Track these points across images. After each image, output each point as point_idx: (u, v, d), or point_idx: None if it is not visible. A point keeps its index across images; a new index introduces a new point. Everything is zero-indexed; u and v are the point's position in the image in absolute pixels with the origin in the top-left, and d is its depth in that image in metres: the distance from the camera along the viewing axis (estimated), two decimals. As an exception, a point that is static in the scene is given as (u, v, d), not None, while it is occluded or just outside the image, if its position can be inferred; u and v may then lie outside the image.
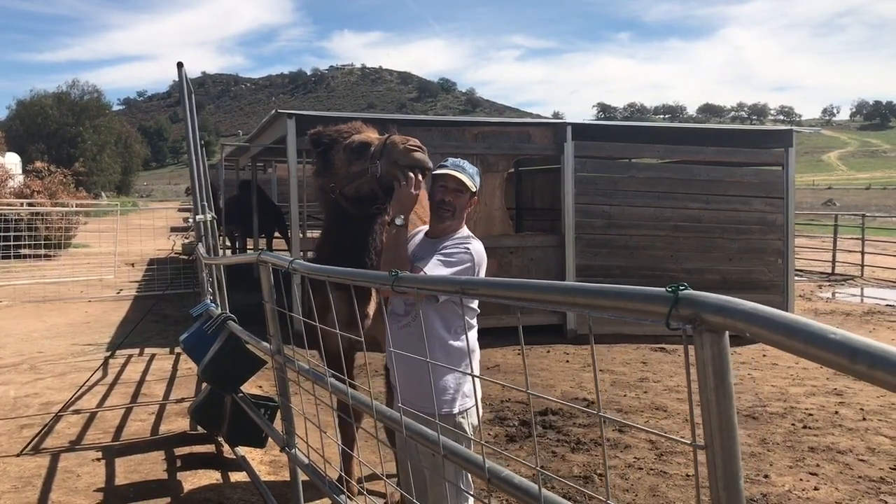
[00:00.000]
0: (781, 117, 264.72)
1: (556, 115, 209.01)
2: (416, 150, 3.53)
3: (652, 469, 5.50)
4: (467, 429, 3.11)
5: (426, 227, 3.45)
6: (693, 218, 11.44)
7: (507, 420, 6.77)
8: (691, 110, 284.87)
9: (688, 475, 5.40)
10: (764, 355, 9.91)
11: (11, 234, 16.03)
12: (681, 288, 1.21)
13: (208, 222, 5.82)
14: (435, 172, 3.28)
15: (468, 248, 3.09)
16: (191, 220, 5.84)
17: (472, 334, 3.14)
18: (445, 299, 2.93)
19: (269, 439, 4.76)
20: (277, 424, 4.24)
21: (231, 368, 4.74)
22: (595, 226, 11.26)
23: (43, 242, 17.97)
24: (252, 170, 17.95)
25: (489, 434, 6.37)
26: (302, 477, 3.50)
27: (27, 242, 17.72)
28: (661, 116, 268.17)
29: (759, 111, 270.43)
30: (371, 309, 4.13)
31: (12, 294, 14.16)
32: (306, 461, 3.28)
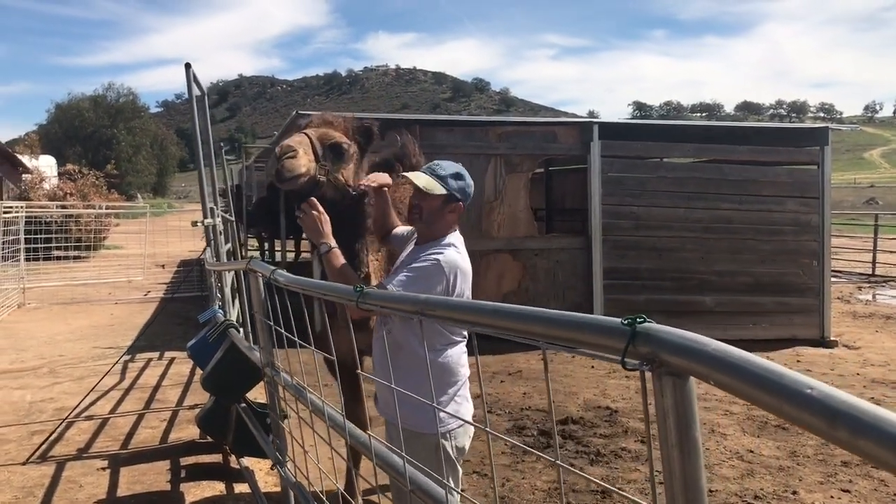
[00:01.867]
0: (822, 114, 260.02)
1: (590, 114, 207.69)
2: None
3: (673, 483, 5.25)
4: (450, 451, 2.92)
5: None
6: (724, 219, 11.11)
7: (526, 429, 6.56)
8: (729, 108, 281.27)
9: (710, 490, 5.14)
10: (798, 361, 9.61)
11: (42, 235, 16.11)
12: (638, 320, 1.01)
13: (216, 226, 5.70)
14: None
15: (437, 260, 2.88)
16: (199, 223, 5.71)
17: (458, 349, 2.95)
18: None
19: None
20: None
21: (232, 378, 4.59)
22: (623, 227, 10.98)
23: (73, 244, 18.11)
24: (279, 171, 17.85)
25: (505, 444, 6.17)
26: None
27: (60, 244, 17.87)
28: (698, 114, 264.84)
29: (798, 108, 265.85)
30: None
31: (41, 296, 14.26)
32: (294, 479, 3.10)
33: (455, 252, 3.00)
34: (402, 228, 3.46)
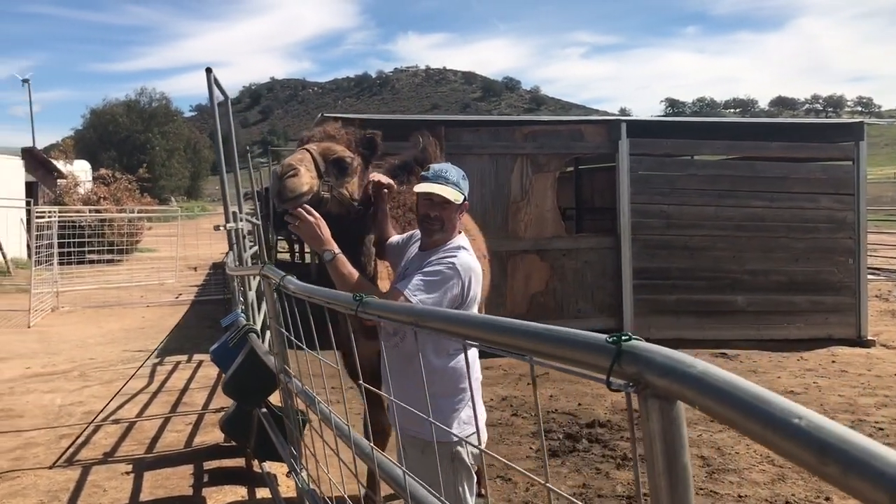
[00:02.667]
0: (860, 108, 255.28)
1: (622, 112, 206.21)
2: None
3: (701, 489, 5.15)
4: (465, 458, 2.86)
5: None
6: (756, 217, 10.91)
7: (552, 433, 6.47)
8: (763, 104, 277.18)
9: (740, 496, 5.02)
10: (833, 361, 9.39)
11: (76, 240, 16.32)
12: (624, 338, 0.94)
13: (239, 230, 5.70)
14: (417, 188, 3.03)
15: (452, 263, 2.82)
16: (221, 227, 5.71)
17: (472, 354, 2.89)
18: None
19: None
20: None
21: (252, 383, 4.58)
22: (652, 226, 10.83)
23: (106, 248, 18.33)
24: (308, 173, 17.93)
25: (530, 448, 6.10)
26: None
27: (94, 248, 18.10)
28: (732, 110, 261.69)
29: (834, 103, 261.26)
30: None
31: (74, 299, 14.44)
32: (308, 486, 3.06)
33: (467, 254, 2.95)
34: (395, 238, 3.40)
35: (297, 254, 19.80)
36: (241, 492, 4.98)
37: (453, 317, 1.42)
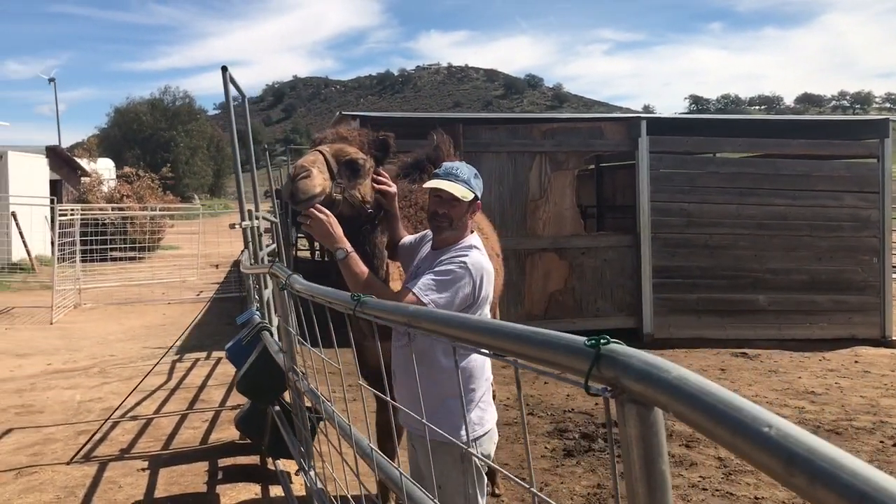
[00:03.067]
0: (888, 105, 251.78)
1: (645, 109, 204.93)
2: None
3: (717, 490, 5.09)
4: (476, 459, 2.84)
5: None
6: (779, 215, 10.79)
7: (568, 432, 6.43)
8: (789, 100, 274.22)
9: (756, 498, 4.96)
10: (856, 361, 9.27)
11: (99, 237, 16.48)
12: (602, 341, 0.91)
13: (254, 229, 5.70)
14: (426, 185, 3.01)
15: (464, 262, 2.79)
16: (236, 225, 5.72)
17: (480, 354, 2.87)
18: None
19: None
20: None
21: (265, 381, 4.59)
22: (672, 224, 10.75)
23: (128, 246, 18.50)
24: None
25: (545, 447, 6.06)
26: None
27: (118, 245, 18.27)
28: (756, 107, 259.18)
29: (862, 99, 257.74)
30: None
31: (97, 296, 14.58)
32: (317, 485, 3.06)
33: (479, 254, 2.93)
34: (408, 238, 3.38)
35: (317, 252, 19.85)
36: (254, 489, 5.00)
37: (442, 318, 1.41)
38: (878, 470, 0.59)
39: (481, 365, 2.87)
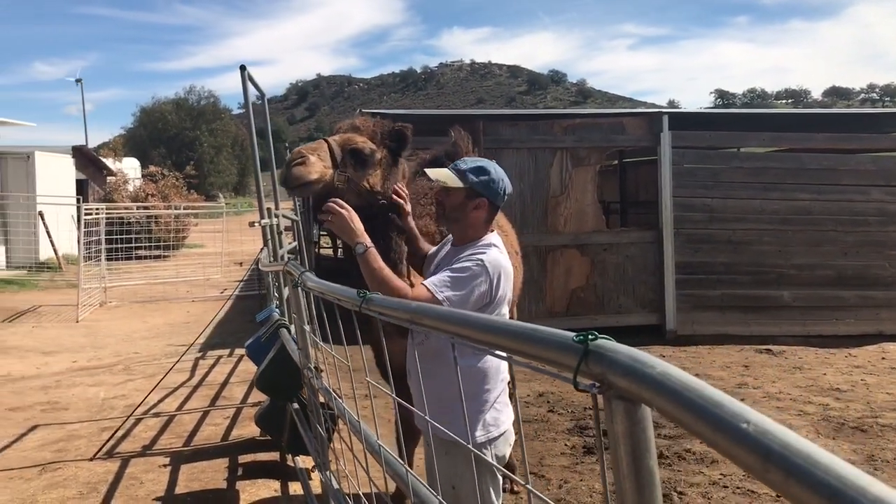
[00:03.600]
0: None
1: (671, 104, 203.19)
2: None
3: (738, 488, 5.04)
4: (490, 460, 2.81)
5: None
6: (803, 210, 10.67)
7: (588, 430, 6.40)
8: (816, 94, 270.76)
9: (778, 496, 4.90)
10: (883, 358, 9.15)
11: (124, 236, 16.66)
12: (591, 337, 0.90)
13: (273, 227, 5.74)
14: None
15: (481, 260, 2.76)
16: (255, 223, 5.76)
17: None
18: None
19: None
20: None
21: (283, 378, 4.62)
22: (695, 220, 10.67)
23: (153, 244, 18.68)
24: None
25: (565, 444, 6.04)
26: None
27: (142, 244, 18.45)
28: (783, 101, 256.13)
29: (892, 92, 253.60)
30: None
31: (122, 295, 14.74)
32: (332, 483, 3.07)
33: (497, 252, 2.89)
34: (431, 249, 3.35)
35: (339, 250, 19.91)
36: (274, 486, 5.03)
37: (442, 314, 1.40)
38: (853, 467, 0.58)
39: (496, 366, 2.84)
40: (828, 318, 10.61)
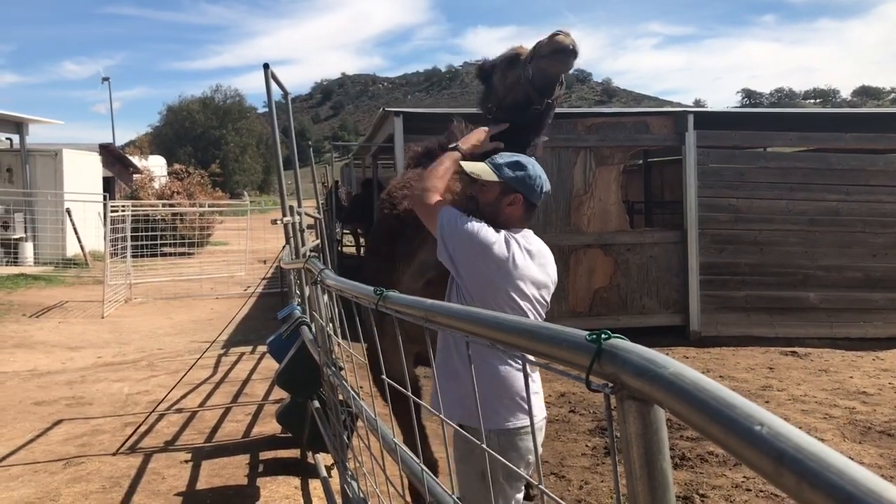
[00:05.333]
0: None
1: (697, 103, 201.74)
2: (558, 34, 3.14)
3: (762, 491, 4.99)
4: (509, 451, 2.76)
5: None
6: (831, 210, 10.53)
7: (608, 430, 6.35)
8: (845, 93, 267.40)
9: (802, 500, 4.84)
10: (911, 361, 9.00)
11: (149, 233, 16.81)
12: (604, 336, 0.89)
13: (295, 224, 5.76)
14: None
15: (499, 230, 2.76)
16: (278, 221, 5.78)
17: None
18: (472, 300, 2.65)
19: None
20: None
21: (304, 375, 4.64)
22: (720, 220, 10.56)
23: (178, 241, 18.84)
24: (373, 168, 18.09)
25: (586, 445, 6.01)
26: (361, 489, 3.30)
27: (168, 241, 18.60)
28: (811, 101, 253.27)
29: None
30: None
31: (147, 291, 14.87)
32: (349, 480, 3.07)
33: (518, 238, 2.83)
34: None
35: (361, 247, 19.97)
36: (294, 483, 5.04)
37: (458, 313, 1.39)
38: (868, 471, 0.56)
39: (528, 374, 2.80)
40: (855, 320, 10.47)
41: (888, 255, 10.50)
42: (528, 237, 2.90)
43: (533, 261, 2.84)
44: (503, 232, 2.74)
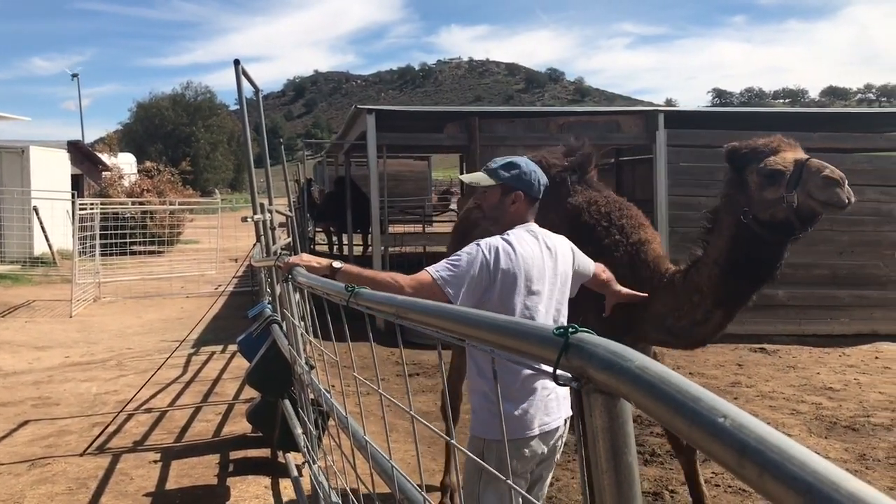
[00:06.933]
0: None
1: (668, 102, 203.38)
2: (834, 184, 3.20)
3: (730, 486, 5.04)
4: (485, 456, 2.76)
5: None
6: (799, 209, 10.65)
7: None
8: (814, 94, 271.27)
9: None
10: (876, 357, 9.15)
11: (119, 231, 16.61)
12: (571, 330, 0.89)
13: (266, 222, 5.70)
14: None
15: (478, 242, 2.74)
16: (248, 219, 5.72)
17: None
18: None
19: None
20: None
21: (275, 373, 4.60)
22: (691, 219, 10.60)
23: (148, 239, 18.63)
24: (346, 166, 18.05)
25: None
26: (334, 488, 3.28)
27: (138, 239, 18.39)
28: (781, 101, 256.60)
29: (889, 92, 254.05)
30: None
31: (116, 290, 14.70)
32: (318, 478, 3.05)
33: (500, 238, 2.83)
34: None
35: (335, 246, 19.91)
36: (264, 482, 5.01)
37: (428, 308, 1.38)
38: (828, 461, 0.56)
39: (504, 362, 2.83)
40: (822, 317, 10.60)
41: (854, 253, 10.65)
42: (519, 235, 2.86)
43: (535, 252, 2.83)
44: (480, 243, 2.76)
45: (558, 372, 0.91)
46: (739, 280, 3.60)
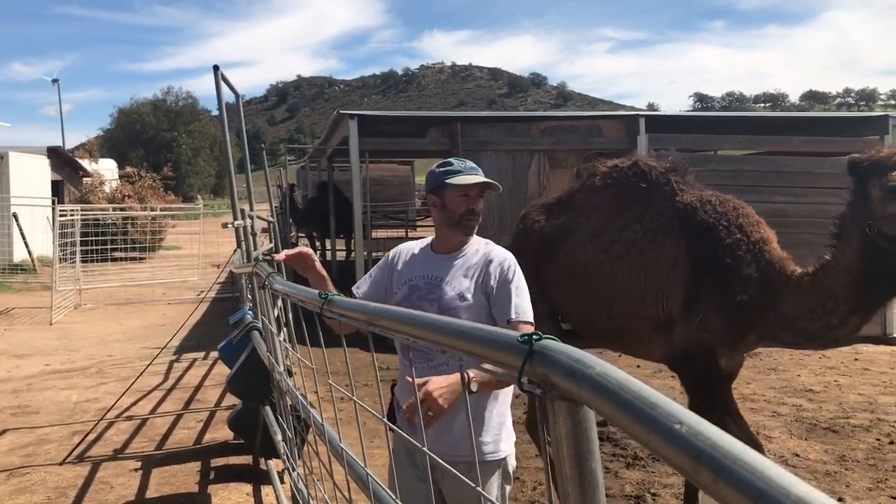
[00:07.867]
0: (893, 102, 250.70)
1: (650, 107, 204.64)
2: None
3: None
4: (510, 472, 2.75)
5: (422, 241, 2.92)
6: (778, 212, 10.68)
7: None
8: (794, 98, 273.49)
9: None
10: (855, 359, 9.21)
11: (100, 237, 16.50)
12: (535, 337, 0.89)
13: (246, 228, 5.69)
14: (454, 182, 2.66)
15: (516, 261, 2.71)
16: (229, 225, 5.71)
17: None
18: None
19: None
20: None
21: (255, 380, 4.59)
22: (672, 222, 10.70)
23: (130, 246, 18.51)
24: (328, 171, 18.01)
25: (540, 447, 6.03)
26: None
27: (119, 245, 18.27)
28: (762, 105, 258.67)
29: (867, 96, 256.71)
30: None
31: (97, 297, 14.59)
32: (298, 485, 3.04)
33: (498, 246, 2.81)
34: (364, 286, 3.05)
35: (318, 251, 19.85)
36: (246, 489, 4.99)
37: (399, 315, 1.39)
38: (780, 467, 0.57)
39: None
40: (802, 319, 10.67)
41: (832, 255, 10.72)
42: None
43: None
44: (517, 261, 2.73)
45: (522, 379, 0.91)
46: (874, 290, 3.59)
